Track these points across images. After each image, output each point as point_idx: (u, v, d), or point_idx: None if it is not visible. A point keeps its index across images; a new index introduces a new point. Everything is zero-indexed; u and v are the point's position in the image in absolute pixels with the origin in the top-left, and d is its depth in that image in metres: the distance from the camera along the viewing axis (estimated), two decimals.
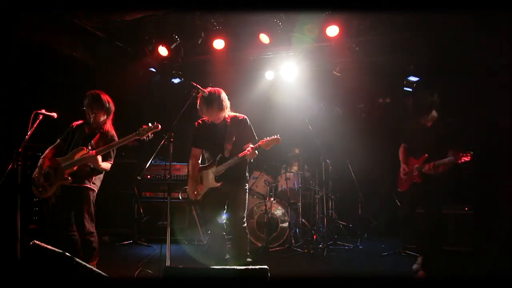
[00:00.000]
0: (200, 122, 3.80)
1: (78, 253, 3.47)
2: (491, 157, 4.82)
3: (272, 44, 5.46)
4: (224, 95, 3.64)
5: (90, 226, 3.63)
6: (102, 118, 3.76)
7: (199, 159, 3.81)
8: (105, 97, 3.75)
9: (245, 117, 3.76)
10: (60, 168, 3.56)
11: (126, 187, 5.74)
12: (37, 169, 3.65)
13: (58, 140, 3.81)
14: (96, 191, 3.75)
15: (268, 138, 3.48)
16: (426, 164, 3.76)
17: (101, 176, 3.80)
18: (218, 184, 3.61)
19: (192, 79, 3.75)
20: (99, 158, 3.55)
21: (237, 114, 3.76)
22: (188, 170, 3.81)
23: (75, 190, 3.59)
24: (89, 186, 3.65)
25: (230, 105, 3.73)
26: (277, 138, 3.47)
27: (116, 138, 3.77)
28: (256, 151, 3.49)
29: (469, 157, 3.45)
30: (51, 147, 3.78)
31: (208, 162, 3.74)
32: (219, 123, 3.69)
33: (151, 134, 3.47)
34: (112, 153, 3.71)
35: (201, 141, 3.78)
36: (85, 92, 3.79)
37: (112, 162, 3.74)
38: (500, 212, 4.71)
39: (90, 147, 3.60)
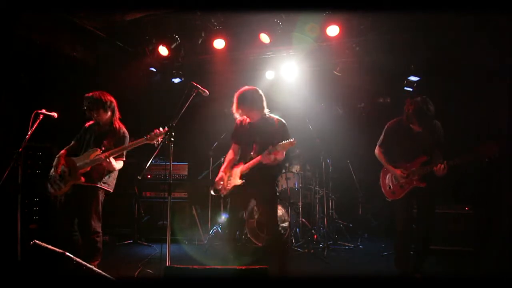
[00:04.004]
0: (241, 119, 3.74)
1: (78, 253, 3.45)
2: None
3: (272, 44, 5.46)
4: (257, 95, 3.57)
5: (96, 226, 3.65)
6: (107, 117, 3.76)
7: (236, 155, 3.76)
8: (103, 96, 3.72)
9: (279, 119, 3.61)
10: (75, 168, 3.61)
11: (126, 187, 5.72)
12: (52, 168, 3.71)
13: (73, 142, 3.87)
14: (111, 190, 3.80)
15: (283, 142, 3.34)
16: (440, 165, 3.42)
17: (115, 174, 3.83)
18: (241, 182, 3.50)
19: (192, 79, 3.73)
20: (112, 159, 3.57)
21: (274, 116, 3.65)
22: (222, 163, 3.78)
23: (85, 189, 3.62)
24: (99, 185, 3.69)
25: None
26: (291, 142, 3.32)
27: (127, 134, 3.82)
28: (271, 156, 3.34)
29: (497, 147, 3.32)
30: (66, 147, 3.83)
31: (240, 160, 3.69)
32: (255, 123, 3.63)
33: (161, 139, 3.45)
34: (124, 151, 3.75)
35: (236, 138, 3.76)
36: (85, 91, 3.79)
37: (124, 159, 3.78)
38: (500, 212, 4.71)
39: (103, 148, 3.64)
